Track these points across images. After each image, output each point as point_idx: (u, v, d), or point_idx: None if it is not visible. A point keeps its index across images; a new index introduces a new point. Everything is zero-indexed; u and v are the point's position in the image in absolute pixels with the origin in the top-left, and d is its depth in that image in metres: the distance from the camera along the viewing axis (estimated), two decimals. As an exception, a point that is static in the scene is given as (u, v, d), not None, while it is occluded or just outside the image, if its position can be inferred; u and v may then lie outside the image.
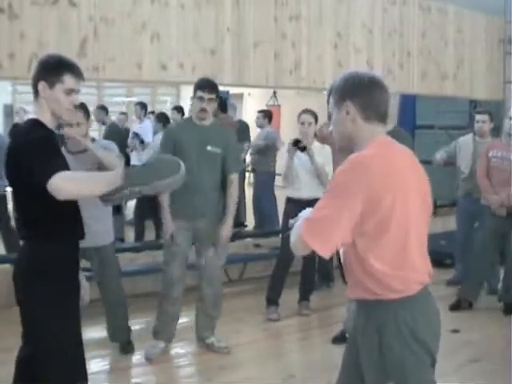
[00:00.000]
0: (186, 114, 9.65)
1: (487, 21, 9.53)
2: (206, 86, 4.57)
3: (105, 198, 2.61)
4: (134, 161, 8.43)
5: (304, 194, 5.53)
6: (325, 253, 2.24)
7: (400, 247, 2.28)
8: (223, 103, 8.61)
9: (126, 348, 4.88)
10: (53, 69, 2.82)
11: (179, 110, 9.53)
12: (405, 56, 8.34)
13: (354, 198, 2.20)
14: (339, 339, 4.84)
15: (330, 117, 2.52)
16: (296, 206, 5.61)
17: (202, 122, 4.63)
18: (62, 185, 2.52)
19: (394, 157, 2.36)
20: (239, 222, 8.25)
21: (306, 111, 5.77)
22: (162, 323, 4.84)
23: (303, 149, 5.46)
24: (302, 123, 5.68)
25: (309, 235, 2.23)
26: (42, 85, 2.81)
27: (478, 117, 6.55)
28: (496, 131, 6.74)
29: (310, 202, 5.92)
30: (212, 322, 4.84)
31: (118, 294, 4.88)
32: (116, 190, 2.55)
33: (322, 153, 5.57)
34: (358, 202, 2.19)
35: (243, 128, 9.23)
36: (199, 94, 4.55)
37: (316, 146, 5.65)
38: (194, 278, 4.92)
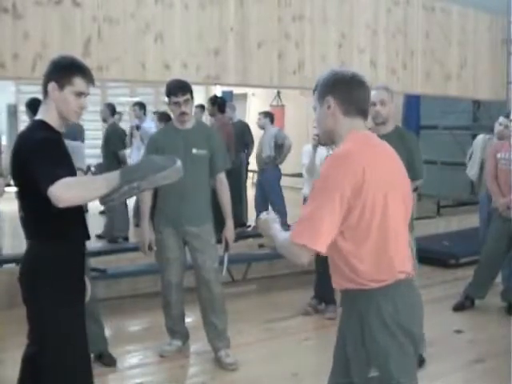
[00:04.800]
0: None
1: (491, 21, 9.52)
2: (177, 90, 4.47)
3: (104, 200, 2.62)
4: (134, 156, 8.46)
5: None
6: (317, 246, 2.26)
7: (380, 239, 2.32)
8: (221, 104, 8.62)
9: (102, 359, 4.62)
10: (64, 70, 2.82)
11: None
12: (408, 56, 8.34)
13: (338, 191, 2.24)
14: None
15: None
16: None
17: (184, 125, 4.57)
18: (62, 194, 2.50)
19: (373, 150, 2.42)
20: (241, 223, 8.24)
21: None
22: (171, 324, 4.86)
23: None
24: None
25: (298, 235, 2.28)
26: (52, 85, 2.80)
27: (501, 119, 6.40)
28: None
29: None
30: (218, 332, 4.69)
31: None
32: (115, 190, 2.56)
33: None
34: (340, 199, 2.24)
35: (243, 129, 9.21)
36: (173, 99, 4.47)
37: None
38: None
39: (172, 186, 2.71)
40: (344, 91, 2.42)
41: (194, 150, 4.49)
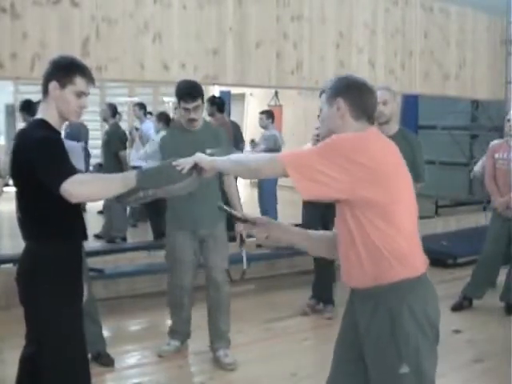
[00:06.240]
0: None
1: (489, 21, 9.53)
2: (187, 96, 4.40)
3: (119, 200, 2.64)
4: (133, 157, 8.43)
5: None
6: (304, 190, 2.31)
7: (407, 223, 2.37)
8: (220, 104, 8.64)
9: (99, 359, 4.60)
10: (65, 70, 2.82)
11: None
12: (407, 56, 8.34)
13: (351, 162, 2.26)
14: None
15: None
16: (315, 207, 5.62)
17: (193, 128, 4.57)
18: (75, 190, 2.53)
19: (388, 144, 2.46)
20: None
21: None
22: (176, 325, 4.86)
23: None
24: None
25: (292, 165, 2.31)
26: (53, 84, 2.80)
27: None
28: (499, 132, 6.72)
29: (331, 205, 5.88)
30: (220, 332, 4.70)
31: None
32: (130, 192, 2.57)
33: None
34: (354, 167, 2.25)
35: (235, 129, 9.20)
36: (183, 105, 4.43)
37: None
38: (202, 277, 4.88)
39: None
40: (355, 95, 2.46)
41: (208, 151, 4.42)
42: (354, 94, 2.46)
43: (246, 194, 12.19)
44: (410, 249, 2.36)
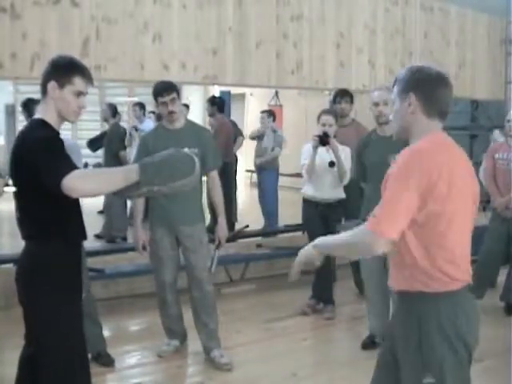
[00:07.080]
0: (189, 113, 9.69)
1: (489, 21, 9.53)
2: (162, 90, 4.54)
3: (121, 194, 2.62)
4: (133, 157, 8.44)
5: (325, 194, 5.55)
6: (392, 233, 2.23)
7: (450, 240, 2.32)
8: (221, 104, 8.66)
9: (100, 359, 4.60)
10: (64, 69, 2.83)
11: (181, 109, 9.52)
12: (407, 56, 8.34)
13: (412, 185, 2.22)
14: (368, 344, 4.84)
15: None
16: (316, 207, 5.61)
17: (174, 125, 4.60)
18: (76, 184, 2.51)
19: (449, 151, 2.38)
20: (230, 223, 8.12)
21: (327, 112, 5.65)
22: (165, 323, 4.87)
23: (327, 142, 5.39)
24: (323, 124, 5.54)
25: (375, 223, 2.23)
26: (51, 84, 2.80)
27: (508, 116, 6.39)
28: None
29: (331, 205, 5.80)
30: (209, 332, 4.70)
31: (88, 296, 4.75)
32: (133, 187, 2.55)
33: (342, 153, 5.49)
34: (415, 188, 2.22)
35: (235, 129, 9.21)
36: (160, 100, 4.53)
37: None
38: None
39: None
40: (427, 90, 2.38)
41: (186, 150, 4.43)
42: (425, 88, 2.38)
43: (246, 194, 12.20)
44: (453, 263, 2.34)
